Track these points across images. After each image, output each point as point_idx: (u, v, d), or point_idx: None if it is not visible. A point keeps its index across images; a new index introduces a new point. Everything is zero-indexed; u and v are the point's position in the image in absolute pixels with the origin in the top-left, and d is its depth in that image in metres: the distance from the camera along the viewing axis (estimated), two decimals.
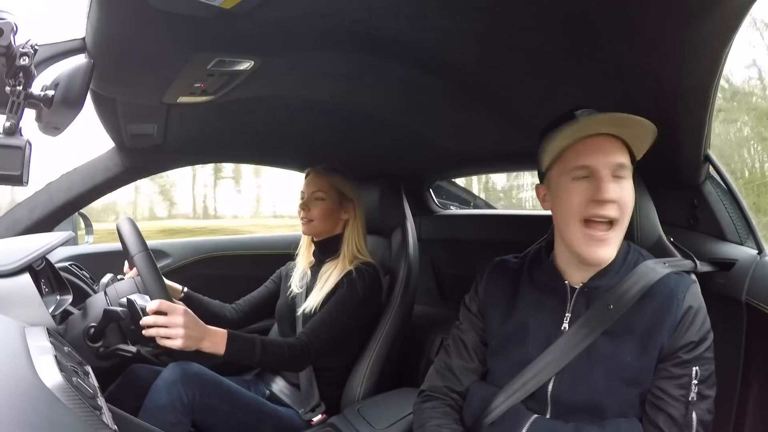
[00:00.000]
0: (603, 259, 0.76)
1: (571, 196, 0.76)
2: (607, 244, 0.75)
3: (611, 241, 0.75)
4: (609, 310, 0.77)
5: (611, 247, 0.75)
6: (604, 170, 0.74)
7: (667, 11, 0.61)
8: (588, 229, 0.75)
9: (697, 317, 0.76)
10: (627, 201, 0.74)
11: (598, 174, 0.74)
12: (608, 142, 0.75)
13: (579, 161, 0.75)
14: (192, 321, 0.97)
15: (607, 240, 0.74)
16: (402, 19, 0.76)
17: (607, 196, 0.72)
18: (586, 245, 0.75)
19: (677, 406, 0.74)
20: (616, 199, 0.73)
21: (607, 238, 0.74)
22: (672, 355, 0.75)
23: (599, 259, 0.76)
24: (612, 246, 0.75)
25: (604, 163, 0.74)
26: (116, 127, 1.20)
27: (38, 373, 0.56)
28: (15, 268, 0.88)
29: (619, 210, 0.74)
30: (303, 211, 1.33)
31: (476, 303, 0.93)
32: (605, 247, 0.75)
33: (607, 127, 0.75)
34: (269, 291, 1.45)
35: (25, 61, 0.66)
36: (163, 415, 1.04)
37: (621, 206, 0.74)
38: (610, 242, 0.75)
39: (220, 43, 0.78)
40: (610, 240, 0.75)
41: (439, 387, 0.91)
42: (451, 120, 1.23)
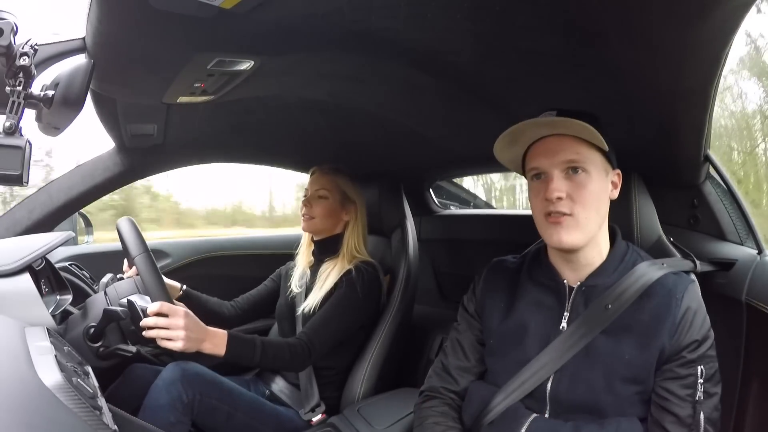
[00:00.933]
0: (566, 243, 0.78)
1: (532, 197, 0.82)
2: (566, 227, 0.77)
3: (570, 225, 0.77)
4: (607, 309, 0.78)
5: (573, 232, 0.77)
6: (552, 170, 0.78)
7: (667, 11, 0.61)
8: (549, 222, 0.79)
9: (696, 317, 0.76)
10: (581, 194, 0.77)
11: (548, 174, 0.79)
12: (556, 142, 0.78)
13: (532, 164, 0.81)
14: (193, 323, 0.97)
15: (564, 223, 0.77)
16: (402, 19, 0.76)
17: (553, 195, 0.77)
18: (549, 234, 0.80)
19: (684, 406, 0.74)
20: (565, 195, 0.77)
21: (564, 222, 0.77)
22: (676, 356, 0.75)
23: (562, 243, 0.78)
24: (573, 230, 0.77)
25: (551, 164, 0.78)
26: (116, 127, 1.20)
27: (38, 373, 0.56)
28: (15, 268, 0.88)
29: (572, 204, 0.77)
30: (305, 207, 1.33)
31: (473, 303, 0.94)
32: (565, 231, 0.77)
33: (542, 130, 0.79)
34: (268, 290, 1.45)
35: (25, 61, 0.66)
36: (163, 415, 1.04)
37: (575, 200, 0.77)
38: (569, 226, 0.77)
39: (220, 43, 0.78)
40: (568, 224, 0.77)
41: (437, 387, 0.92)
42: (451, 120, 1.23)
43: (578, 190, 0.77)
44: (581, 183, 0.77)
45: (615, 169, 0.83)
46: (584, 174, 0.77)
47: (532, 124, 0.78)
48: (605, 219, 0.82)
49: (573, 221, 0.77)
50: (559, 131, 0.79)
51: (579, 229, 0.78)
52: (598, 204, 0.79)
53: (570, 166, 0.78)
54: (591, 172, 0.78)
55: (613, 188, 0.83)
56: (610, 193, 0.82)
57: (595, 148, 0.78)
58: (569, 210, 0.77)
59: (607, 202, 0.82)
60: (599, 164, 0.79)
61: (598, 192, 0.78)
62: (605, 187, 0.81)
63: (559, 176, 0.78)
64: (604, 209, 0.81)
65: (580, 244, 0.79)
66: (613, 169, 0.83)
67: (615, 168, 0.83)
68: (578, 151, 0.77)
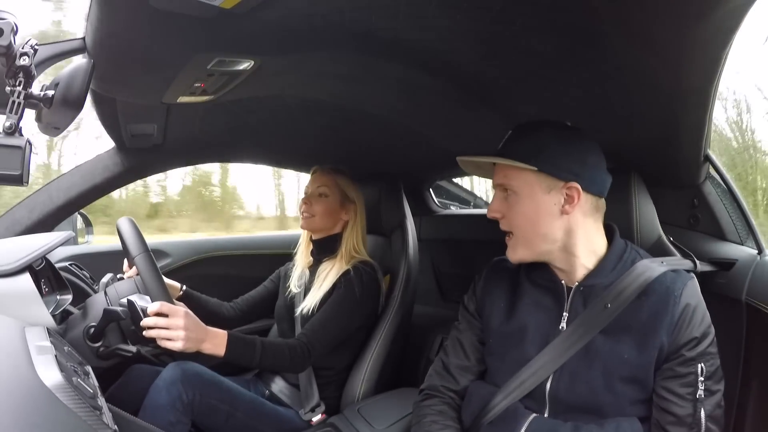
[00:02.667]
0: (512, 259, 0.85)
1: None
2: (511, 244, 0.85)
3: (512, 245, 0.84)
4: (606, 309, 0.78)
5: (516, 249, 0.84)
6: (495, 191, 0.86)
7: (667, 11, 0.61)
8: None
9: (695, 314, 0.76)
10: (512, 216, 0.82)
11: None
12: (498, 167, 0.85)
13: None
14: (193, 323, 0.97)
15: (510, 243, 0.85)
16: (402, 19, 0.76)
17: (489, 214, 0.85)
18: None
19: (684, 405, 0.74)
20: (500, 215, 0.84)
21: (509, 240, 0.85)
22: (675, 354, 0.75)
23: (510, 259, 0.86)
24: (515, 250, 0.84)
25: (494, 185, 0.86)
26: (116, 127, 1.20)
27: (38, 372, 0.56)
28: (15, 268, 0.87)
29: (508, 223, 0.83)
30: (305, 205, 1.33)
31: (474, 303, 0.94)
32: (510, 248, 0.85)
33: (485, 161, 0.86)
34: (267, 291, 1.45)
35: (25, 61, 0.66)
36: (163, 415, 1.04)
37: (507, 219, 0.83)
38: (513, 243, 0.84)
39: (220, 43, 0.78)
40: (512, 241, 0.84)
41: (437, 386, 0.92)
42: (451, 120, 1.23)
43: (509, 211, 0.83)
44: (510, 204, 0.82)
45: (569, 182, 0.79)
46: (513, 195, 0.82)
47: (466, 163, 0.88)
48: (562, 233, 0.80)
49: (514, 239, 0.84)
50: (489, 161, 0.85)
51: (519, 246, 0.83)
52: (534, 222, 0.81)
53: (503, 188, 0.83)
54: (519, 192, 0.81)
55: (568, 203, 0.79)
56: (563, 208, 0.79)
57: (526, 170, 0.79)
58: (507, 228, 0.84)
59: (555, 218, 0.80)
60: (533, 184, 0.80)
61: (532, 211, 0.81)
62: (543, 204, 0.80)
63: (499, 197, 0.84)
64: (551, 226, 0.80)
65: (526, 259, 0.84)
66: (566, 182, 0.79)
67: (569, 181, 0.79)
68: (505, 174, 0.82)
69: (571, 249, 0.81)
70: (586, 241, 0.82)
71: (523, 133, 0.83)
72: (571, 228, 0.81)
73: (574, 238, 0.81)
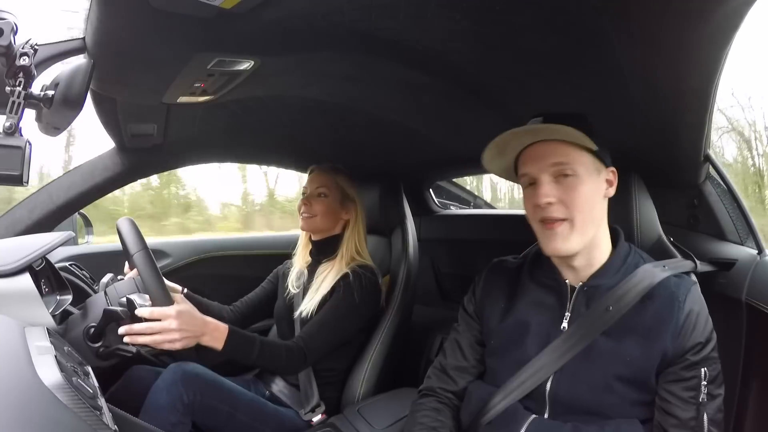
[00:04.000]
0: (562, 251, 0.78)
1: (526, 203, 0.82)
2: (562, 236, 0.77)
3: (566, 234, 0.77)
4: (608, 311, 0.77)
5: (569, 238, 0.77)
6: (541, 175, 0.78)
7: (667, 11, 0.61)
8: (544, 226, 0.79)
9: (699, 319, 0.76)
10: (573, 199, 0.76)
11: (537, 180, 0.79)
12: (543, 148, 0.78)
13: (522, 170, 0.82)
14: (186, 320, 0.96)
15: (561, 232, 0.77)
16: (402, 19, 0.76)
17: (543, 200, 0.77)
18: (545, 241, 0.80)
19: (687, 408, 0.74)
20: (555, 200, 0.76)
21: (560, 231, 0.77)
22: (679, 359, 0.75)
23: (558, 251, 0.79)
24: (569, 239, 0.77)
25: (540, 169, 0.78)
26: (116, 127, 1.20)
27: (38, 372, 0.56)
28: (15, 268, 0.87)
29: (565, 209, 0.77)
30: (305, 206, 1.33)
31: (473, 304, 0.94)
32: (561, 240, 0.77)
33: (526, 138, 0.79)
34: (266, 292, 1.45)
35: (25, 61, 0.66)
36: (163, 416, 1.04)
37: (567, 204, 0.77)
38: (565, 235, 0.77)
39: (220, 43, 0.78)
40: (564, 233, 0.77)
41: (434, 387, 0.92)
42: (451, 120, 1.23)
43: (569, 193, 0.77)
44: (571, 186, 0.77)
45: (608, 166, 0.82)
46: (573, 177, 0.77)
47: (515, 134, 0.78)
48: (603, 219, 0.82)
49: (568, 226, 0.77)
50: (542, 137, 0.79)
51: (575, 234, 0.77)
52: (592, 205, 0.78)
53: (559, 170, 0.77)
54: (580, 174, 0.77)
55: (609, 186, 0.82)
56: (605, 192, 0.81)
57: (584, 149, 0.78)
58: (563, 215, 0.77)
59: (603, 202, 0.81)
60: (589, 165, 0.78)
61: (590, 193, 0.78)
62: (598, 187, 0.80)
63: (548, 181, 0.78)
64: (600, 210, 0.81)
65: (577, 249, 0.79)
66: (607, 167, 0.82)
67: (608, 166, 0.82)
68: (565, 154, 0.77)
69: (597, 241, 0.81)
70: (605, 233, 0.83)
71: (564, 117, 0.78)
72: (603, 215, 0.82)
73: (602, 228, 0.82)
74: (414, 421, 0.89)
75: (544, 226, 0.79)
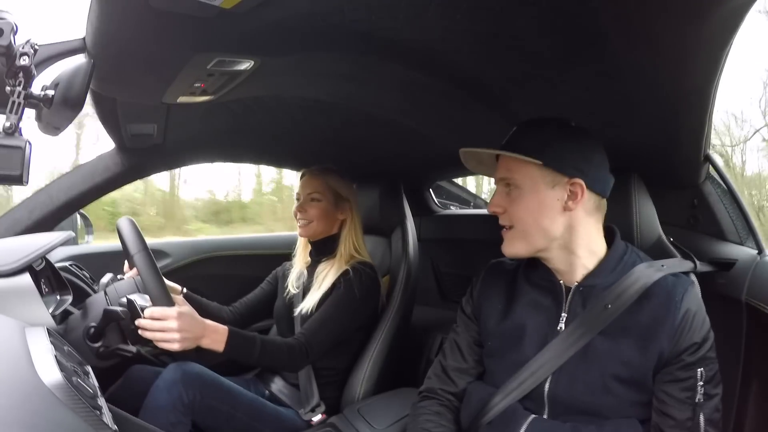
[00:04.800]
0: (507, 254, 0.85)
1: None
2: (508, 241, 0.84)
3: (510, 239, 0.83)
4: (606, 310, 0.77)
5: (514, 243, 0.83)
6: (497, 185, 0.85)
7: (667, 11, 0.61)
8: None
9: (696, 319, 0.76)
10: (513, 210, 0.82)
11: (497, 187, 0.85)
12: (499, 162, 0.85)
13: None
14: (187, 322, 0.96)
15: (507, 237, 0.84)
16: (402, 19, 0.76)
17: (490, 209, 0.85)
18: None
19: (683, 409, 0.74)
20: (501, 210, 0.83)
21: (507, 236, 0.84)
22: (676, 359, 0.75)
23: (505, 253, 0.85)
24: (513, 244, 0.83)
25: (496, 180, 0.85)
26: (116, 127, 1.20)
27: (38, 372, 0.56)
28: (15, 268, 0.88)
29: (510, 217, 0.82)
30: (300, 213, 1.33)
31: (471, 305, 0.94)
32: (507, 242, 0.84)
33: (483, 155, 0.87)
34: (265, 292, 1.45)
35: (25, 61, 0.66)
36: (163, 416, 1.04)
37: (509, 214, 0.82)
38: (510, 240, 0.83)
39: (220, 43, 0.78)
40: (509, 238, 0.83)
41: (435, 389, 0.92)
42: (451, 120, 1.23)
43: (511, 205, 0.82)
44: (513, 198, 0.82)
45: (572, 178, 0.78)
46: (516, 189, 0.81)
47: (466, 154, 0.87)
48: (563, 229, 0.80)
49: (513, 232, 0.83)
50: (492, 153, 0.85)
51: (518, 240, 0.82)
52: (537, 216, 0.80)
53: (506, 183, 0.83)
54: (523, 187, 0.80)
55: (571, 199, 0.79)
56: (566, 204, 0.79)
57: (532, 164, 0.79)
58: (508, 222, 0.83)
59: (558, 213, 0.80)
60: (537, 178, 0.79)
61: (535, 205, 0.80)
62: (546, 199, 0.79)
63: (501, 191, 0.84)
64: (553, 221, 0.80)
65: (522, 253, 0.83)
66: (570, 177, 0.79)
67: (572, 177, 0.78)
68: (509, 169, 0.82)
69: (572, 247, 0.81)
70: (587, 240, 0.82)
71: (528, 128, 0.83)
72: (572, 225, 0.80)
73: (575, 236, 0.81)
74: (417, 426, 0.88)
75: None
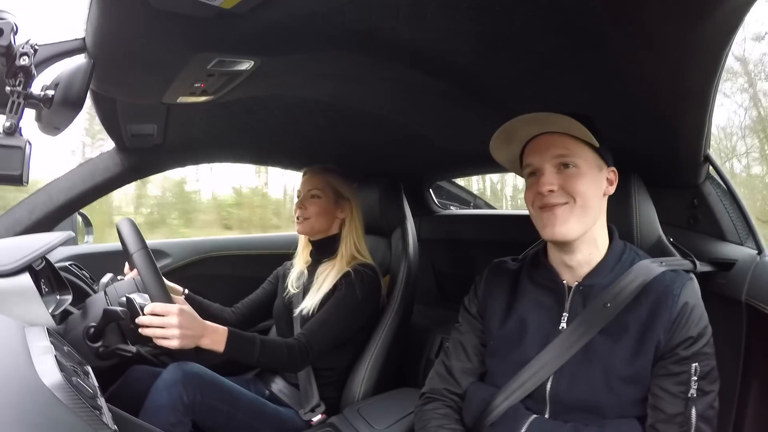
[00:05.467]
0: (561, 236, 0.79)
1: (527, 191, 0.84)
2: (561, 218, 0.79)
3: (565, 216, 0.79)
4: (606, 308, 0.78)
5: (568, 221, 0.78)
6: (544, 165, 0.80)
7: (667, 11, 0.61)
8: (543, 212, 0.81)
9: (693, 313, 0.76)
10: (574, 187, 0.78)
11: (540, 170, 0.81)
12: (547, 139, 0.81)
13: (527, 161, 0.84)
14: (188, 320, 0.97)
15: (560, 214, 0.79)
16: (402, 19, 0.76)
17: (545, 188, 0.79)
18: (543, 224, 0.81)
19: (675, 403, 0.74)
20: (557, 187, 0.79)
21: (560, 213, 0.79)
22: (670, 353, 0.75)
23: (556, 236, 0.79)
24: (567, 221, 0.78)
25: (542, 159, 0.81)
26: (116, 127, 1.20)
27: (38, 372, 0.56)
28: (15, 267, 0.87)
29: (565, 194, 0.79)
30: (299, 209, 1.33)
31: (475, 305, 0.94)
32: (559, 222, 0.79)
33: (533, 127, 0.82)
34: (267, 293, 1.45)
35: (25, 61, 0.66)
36: (163, 416, 1.04)
37: (567, 191, 0.79)
38: (564, 217, 0.79)
39: (220, 43, 0.78)
40: (563, 215, 0.79)
41: (439, 389, 0.92)
42: (451, 120, 1.23)
43: (569, 182, 0.79)
44: (572, 176, 0.79)
45: (610, 166, 0.84)
46: (575, 169, 0.79)
47: (523, 121, 0.80)
48: (601, 214, 0.83)
49: (567, 209, 0.79)
50: (549, 128, 0.81)
51: (573, 217, 0.79)
52: (590, 197, 0.79)
53: (561, 162, 0.80)
54: (581, 166, 0.79)
55: (609, 185, 0.84)
56: (606, 190, 0.83)
57: (587, 145, 0.80)
58: (563, 199, 0.79)
59: (602, 199, 0.83)
60: (591, 160, 0.81)
61: (590, 186, 0.80)
62: (598, 183, 0.81)
63: (551, 171, 0.80)
64: (598, 205, 0.82)
65: (574, 234, 0.79)
66: (608, 166, 0.83)
67: (610, 165, 0.84)
68: (568, 147, 0.80)
69: (594, 235, 0.83)
70: (602, 232, 0.84)
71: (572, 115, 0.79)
72: (601, 213, 0.83)
73: (599, 224, 0.83)
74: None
75: (544, 211, 0.80)
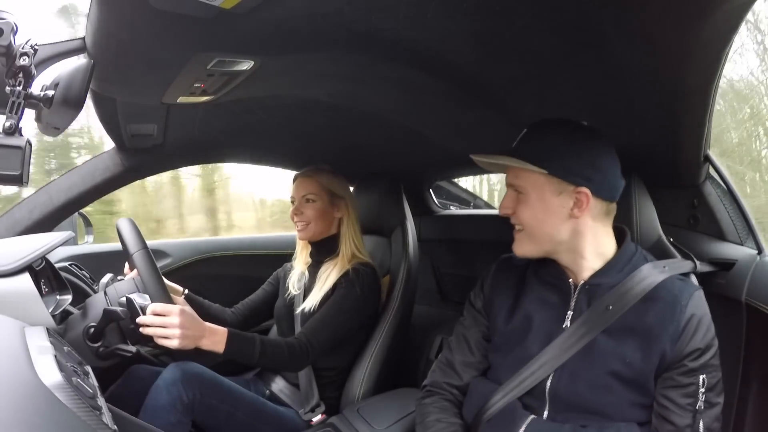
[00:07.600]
0: (517, 253, 0.87)
1: None
2: (518, 241, 0.86)
3: (520, 240, 0.86)
4: (608, 310, 0.78)
5: (522, 243, 0.85)
6: (507, 187, 0.87)
7: (667, 11, 0.61)
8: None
9: (701, 324, 0.75)
10: (520, 213, 0.83)
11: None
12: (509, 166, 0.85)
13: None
14: (189, 320, 0.97)
15: (517, 238, 0.86)
16: (402, 19, 0.76)
17: (500, 211, 0.87)
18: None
19: (684, 415, 0.74)
20: (511, 211, 0.85)
21: (517, 237, 0.86)
22: (677, 364, 0.75)
23: (515, 252, 0.87)
24: (522, 245, 0.85)
25: (507, 184, 0.87)
26: (116, 127, 1.20)
27: (38, 372, 0.56)
28: (15, 268, 0.87)
29: (516, 219, 0.85)
30: (296, 216, 1.32)
31: (481, 300, 0.94)
32: (516, 242, 0.86)
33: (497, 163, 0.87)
34: (267, 294, 1.45)
35: (25, 61, 0.66)
36: (163, 415, 1.04)
37: (517, 216, 0.84)
38: (519, 240, 0.86)
39: (220, 43, 0.78)
40: (519, 238, 0.86)
41: (440, 382, 0.92)
42: (451, 120, 1.23)
43: (519, 208, 0.84)
44: (521, 202, 0.83)
45: (578, 187, 0.79)
46: (523, 195, 0.83)
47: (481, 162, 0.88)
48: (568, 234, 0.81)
49: (523, 234, 0.85)
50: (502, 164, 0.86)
51: (526, 242, 0.85)
52: (542, 222, 0.81)
53: (514, 187, 0.84)
54: (529, 194, 0.82)
55: (577, 207, 0.79)
56: (572, 212, 0.80)
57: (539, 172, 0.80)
58: (517, 223, 0.85)
59: (566, 222, 0.81)
60: (541, 186, 0.81)
61: (540, 212, 0.81)
62: (552, 207, 0.80)
63: (510, 195, 0.85)
64: (558, 227, 0.81)
65: (531, 254, 0.85)
66: (577, 187, 0.79)
67: (579, 186, 0.79)
68: (516, 175, 0.84)
69: (579, 250, 0.82)
70: (594, 244, 0.82)
71: (535, 133, 0.83)
72: (578, 231, 0.81)
73: (582, 240, 0.81)
74: (426, 426, 0.88)
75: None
